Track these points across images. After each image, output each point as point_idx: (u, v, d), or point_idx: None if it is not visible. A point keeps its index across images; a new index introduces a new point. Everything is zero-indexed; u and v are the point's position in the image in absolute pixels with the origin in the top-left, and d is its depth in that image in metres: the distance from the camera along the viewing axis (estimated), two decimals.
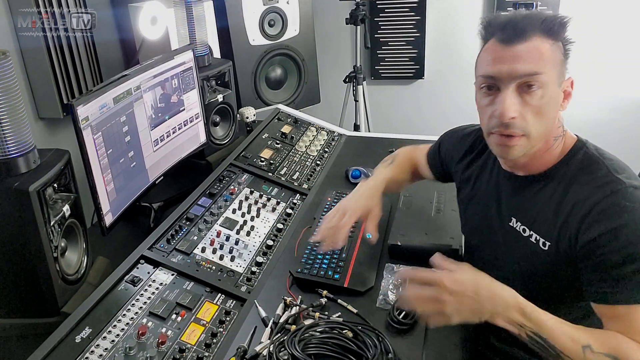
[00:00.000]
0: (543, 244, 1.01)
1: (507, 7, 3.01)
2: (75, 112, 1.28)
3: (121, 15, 2.23)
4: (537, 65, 0.93)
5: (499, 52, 0.96)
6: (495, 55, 0.97)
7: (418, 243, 1.33)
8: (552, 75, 0.95)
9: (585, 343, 0.88)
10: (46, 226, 1.20)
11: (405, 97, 3.46)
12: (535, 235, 1.03)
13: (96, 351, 1.02)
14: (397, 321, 1.10)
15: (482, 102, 1.01)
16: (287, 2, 2.71)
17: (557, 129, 1.01)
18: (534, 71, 0.93)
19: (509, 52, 0.95)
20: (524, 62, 0.94)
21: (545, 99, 0.95)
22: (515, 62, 0.94)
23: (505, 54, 0.95)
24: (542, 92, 0.94)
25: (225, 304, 1.20)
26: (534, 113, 0.95)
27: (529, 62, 0.93)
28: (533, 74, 0.93)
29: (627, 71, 3.05)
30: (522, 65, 0.94)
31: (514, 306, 0.90)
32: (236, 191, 1.61)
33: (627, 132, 3.10)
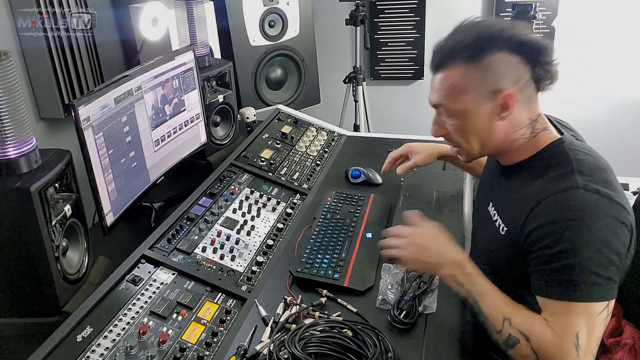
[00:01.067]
0: (502, 229, 1.08)
1: (506, 8, 3.02)
2: (77, 113, 1.29)
3: (122, 16, 2.23)
4: (445, 97, 1.05)
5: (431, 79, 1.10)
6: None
7: None
8: (467, 100, 1.02)
9: (507, 315, 0.96)
10: (47, 226, 1.21)
11: (404, 97, 3.46)
12: (499, 221, 1.09)
13: (97, 350, 1.02)
14: (398, 320, 1.11)
15: None
16: (287, 2, 2.72)
17: (513, 134, 1.05)
18: (438, 103, 1.07)
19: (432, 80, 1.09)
20: (433, 92, 1.08)
21: (464, 120, 1.05)
22: (431, 90, 1.09)
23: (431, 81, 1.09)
24: (456, 117, 1.05)
25: (225, 304, 1.21)
26: (457, 133, 1.08)
27: (437, 93, 1.06)
28: (437, 104, 1.08)
29: (627, 71, 3.05)
30: (433, 96, 1.08)
31: (458, 264, 1.04)
32: (236, 191, 1.61)
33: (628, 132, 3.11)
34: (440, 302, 1.16)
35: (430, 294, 1.19)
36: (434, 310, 1.15)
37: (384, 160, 1.97)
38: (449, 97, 1.04)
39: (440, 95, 1.06)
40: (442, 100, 1.06)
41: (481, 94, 1.02)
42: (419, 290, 1.17)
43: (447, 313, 1.14)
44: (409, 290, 1.17)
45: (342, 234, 1.43)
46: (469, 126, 1.05)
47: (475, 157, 1.12)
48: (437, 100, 1.07)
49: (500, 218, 1.09)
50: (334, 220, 1.49)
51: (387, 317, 1.13)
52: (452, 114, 1.05)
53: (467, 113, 1.04)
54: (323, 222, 1.48)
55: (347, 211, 1.54)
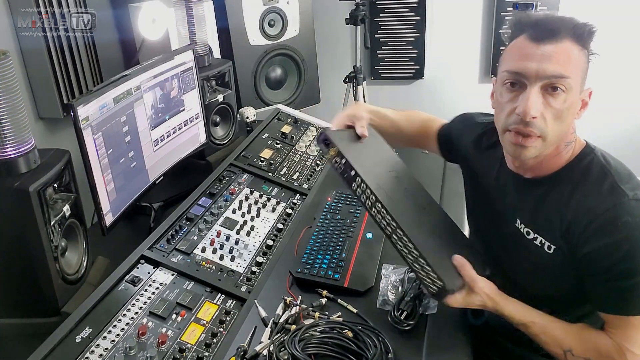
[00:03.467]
0: (548, 248, 1.02)
1: (507, 7, 3.01)
2: (76, 112, 1.28)
3: (121, 15, 2.23)
4: (566, 68, 0.92)
5: (529, 49, 0.94)
6: (524, 51, 0.95)
7: None
8: (576, 81, 0.95)
9: (567, 347, 0.98)
10: (46, 226, 1.20)
11: (405, 97, 3.46)
12: (540, 239, 1.03)
13: (96, 351, 1.02)
14: (399, 321, 1.10)
15: (504, 97, 0.99)
16: (287, 2, 2.72)
17: (570, 135, 1.01)
18: (562, 74, 0.92)
19: (538, 50, 0.93)
20: (553, 62, 0.92)
21: (567, 103, 0.94)
22: (544, 61, 0.93)
23: (535, 51, 0.93)
24: (565, 96, 0.94)
25: (225, 304, 1.20)
26: (554, 116, 0.94)
27: (558, 63, 0.92)
28: (560, 76, 0.93)
29: (627, 70, 3.05)
30: (551, 66, 0.92)
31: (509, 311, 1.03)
32: (236, 191, 1.61)
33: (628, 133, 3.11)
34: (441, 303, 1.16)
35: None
36: (435, 311, 1.14)
37: None
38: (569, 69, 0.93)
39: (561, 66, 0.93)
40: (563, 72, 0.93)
41: (583, 80, 0.97)
42: (419, 291, 1.17)
43: (448, 314, 1.14)
44: (409, 291, 1.17)
45: (342, 234, 1.42)
46: (568, 110, 0.95)
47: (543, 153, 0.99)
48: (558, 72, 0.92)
49: (540, 236, 1.03)
50: (334, 221, 1.48)
51: (388, 318, 1.12)
52: (565, 89, 0.93)
53: (574, 94, 0.95)
54: (323, 222, 1.48)
55: (347, 211, 1.53)
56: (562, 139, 0.99)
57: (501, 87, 1.00)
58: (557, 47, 0.93)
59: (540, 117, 0.94)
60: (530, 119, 0.94)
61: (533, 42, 0.94)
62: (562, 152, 1.01)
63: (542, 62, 0.93)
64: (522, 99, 0.94)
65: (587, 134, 1.07)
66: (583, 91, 0.98)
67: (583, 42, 0.95)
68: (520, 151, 0.98)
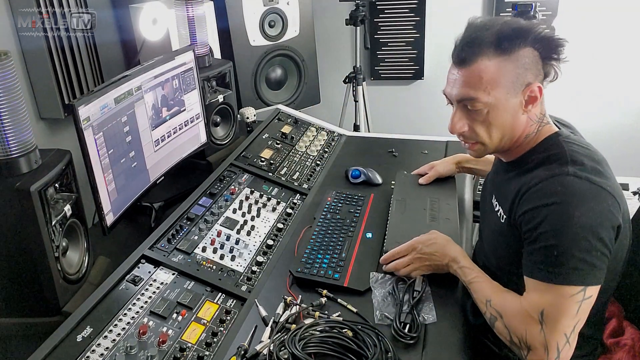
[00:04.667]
0: (502, 217, 1.13)
1: (507, 8, 3.01)
2: (77, 113, 1.29)
3: (122, 16, 2.23)
4: (474, 89, 1.04)
5: (450, 73, 1.10)
6: (449, 75, 1.10)
7: None
8: (497, 92, 1.03)
9: (488, 298, 1.07)
10: (47, 226, 1.21)
11: (404, 97, 3.46)
12: (500, 211, 1.14)
13: (97, 350, 1.02)
14: (403, 335, 1.08)
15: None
16: (288, 2, 2.72)
17: (528, 128, 1.09)
18: (469, 96, 1.05)
19: (453, 75, 1.08)
20: (461, 86, 1.06)
21: (492, 114, 1.05)
22: (454, 86, 1.07)
23: (451, 75, 1.09)
24: (485, 109, 1.05)
25: (225, 304, 1.21)
26: (483, 126, 1.07)
27: (466, 86, 1.05)
28: (467, 98, 1.05)
29: (627, 70, 3.05)
30: (460, 90, 1.06)
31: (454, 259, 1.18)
32: (236, 191, 1.61)
33: (628, 131, 3.11)
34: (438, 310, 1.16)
35: (426, 302, 1.18)
36: (435, 320, 1.13)
37: (384, 160, 1.97)
38: (480, 90, 1.04)
39: (470, 88, 1.04)
40: (471, 93, 1.04)
41: (512, 86, 1.03)
42: (413, 300, 1.17)
43: (447, 320, 1.14)
44: (404, 302, 1.16)
45: (342, 234, 1.43)
46: (495, 119, 1.06)
47: (491, 152, 1.13)
48: (464, 95, 1.06)
49: (501, 208, 1.14)
50: (334, 220, 1.49)
51: (392, 332, 1.10)
52: (481, 107, 1.05)
53: (497, 106, 1.04)
54: (323, 222, 1.48)
55: (347, 211, 1.54)
56: (513, 135, 1.08)
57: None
58: (467, 70, 1.04)
59: (469, 129, 1.09)
60: (457, 134, 1.11)
61: (454, 67, 1.08)
62: (523, 143, 1.10)
63: (454, 86, 1.08)
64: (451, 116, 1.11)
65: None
66: (521, 91, 1.04)
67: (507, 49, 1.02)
68: (472, 154, 1.16)
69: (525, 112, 1.06)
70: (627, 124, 3.12)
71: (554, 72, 1.06)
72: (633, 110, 3.11)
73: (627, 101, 3.11)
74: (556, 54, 1.04)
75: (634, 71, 3.04)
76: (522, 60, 1.02)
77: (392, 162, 1.89)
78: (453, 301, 1.20)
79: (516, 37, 1.02)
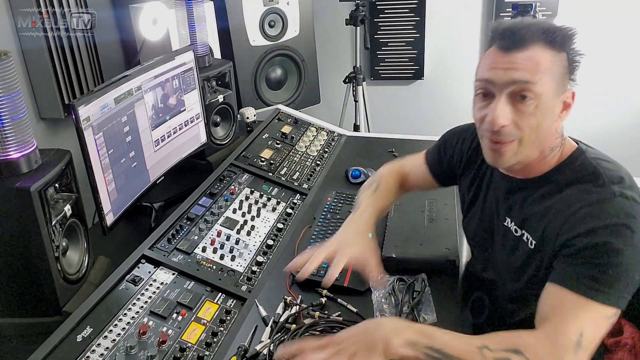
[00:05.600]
0: (531, 243, 1.02)
1: (507, 8, 3.02)
2: (77, 113, 1.29)
3: (122, 16, 2.23)
4: (532, 74, 0.93)
5: (496, 59, 0.97)
6: (492, 61, 0.98)
7: (414, 255, 1.31)
8: (548, 86, 0.94)
9: (480, 344, 0.87)
10: (47, 226, 1.21)
11: (404, 97, 3.46)
12: (526, 234, 1.04)
13: (97, 350, 1.02)
14: None
15: (477, 106, 1.02)
16: (287, 2, 2.72)
17: (554, 140, 1.00)
18: (527, 79, 0.93)
19: (505, 59, 0.95)
20: (518, 70, 0.94)
21: (540, 109, 0.95)
22: (509, 69, 0.95)
23: (501, 60, 0.96)
24: (535, 102, 0.94)
25: (225, 304, 1.21)
26: (527, 122, 0.95)
27: (524, 70, 0.93)
28: (526, 82, 0.93)
29: (627, 71, 3.05)
30: (516, 73, 0.94)
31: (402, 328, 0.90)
32: (236, 191, 1.61)
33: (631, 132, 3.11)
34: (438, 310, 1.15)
35: (426, 302, 1.18)
36: (436, 320, 1.14)
37: (384, 160, 1.96)
38: (537, 76, 0.93)
39: (527, 73, 0.93)
40: (528, 77, 0.93)
41: (559, 84, 0.95)
42: (413, 300, 1.17)
43: (447, 320, 1.14)
44: (404, 302, 1.16)
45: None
46: (540, 116, 0.95)
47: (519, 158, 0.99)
48: (521, 77, 0.93)
49: (527, 232, 1.04)
50: (334, 220, 1.49)
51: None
52: (533, 96, 0.93)
53: (545, 103, 0.94)
54: (323, 222, 1.48)
55: (347, 211, 1.53)
56: (544, 143, 0.99)
57: (475, 97, 1.02)
58: (523, 54, 0.94)
59: (511, 124, 0.96)
60: (498, 127, 0.95)
61: (501, 52, 0.96)
62: (548, 156, 1.01)
63: (508, 70, 0.95)
64: (491, 108, 0.97)
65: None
66: (563, 94, 0.97)
67: (557, 46, 0.95)
68: (497, 157, 1.00)
69: (559, 119, 0.98)
70: (628, 124, 3.12)
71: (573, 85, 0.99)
72: (633, 110, 3.11)
73: (628, 101, 3.11)
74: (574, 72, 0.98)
75: (635, 71, 3.04)
76: (565, 62, 0.96)
77: None
78: (453, 301, 1.20)
79: (567, 36, 0.95)
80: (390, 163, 1.41)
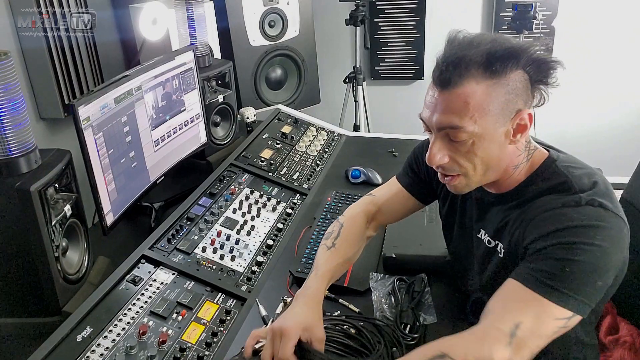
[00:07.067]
0: (500, 251, 1.01)
1: (507, 8, 3.01)
2: (77, 113, 1.29)
3: (122, 16, 2.23)
4: (459, 117, 0.89)
5: (429, 96, 0.94)
6: (427, 97, 0.94)
7: (414, 255, 1.31)
8: (484, 121, 0.89)
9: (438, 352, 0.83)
10: (47, 226, 1.21)
11: (404, 97, 3.46)
12: (499, 245, 1.02)
13: (97, 350, 1.02)
14: (404, 336, 1.08)
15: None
16: (287, 2, 2.72)
17: (514, 159, 0.97)
18: (453, 125, 0.90)
19: (435, 99, 0.91)
20: (443, 112, 0.90)
21: (478, 144, 0.91)
22: (436, 111, 0.91)
23: (432, 99, 0.92)
24: (471, 139, 0.90)
25: (225, 304, 1.21)
26: (466, 157, 0.93)
27: (450, 113, 0.89)
28: (451, 127, 0.90)
29: (627, 71, 3.05)
30: (441, 117, 0.91)
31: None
32: (236, 191, 1.61)
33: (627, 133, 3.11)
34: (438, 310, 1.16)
35: (426, 302, 1.18)
36: (435, 320, 1.13)
37: (384, 160, 1.97)
38: (466, 118, 0.88)
39: (455, 116, 0.89)
40: (455, 122, 0.89)
41: (501, 114, 0.90)
42: (413, 300, 1.17)
43: (447, 320, 1.14)
44: (404, 302, 1.16)
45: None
46: (480, 151, 0.91)
47: (474, 186, 0.99)
48: (447, 123, 0.90)
49: (499, 242, 1.02)
50: (334, 220, 1.48)
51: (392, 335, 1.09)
52: (466, 137, 0.90)
53: (484, 136, 0.90)
54: (323, 222, 1.48)
55: None
56: (499, 168, 0.96)
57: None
58: (451, 95, 0.89)
59: (451, 160, 0.94)
60: (434, 166, 0.95)
61: (434, 89, 0.92)
62: (514, 173, 0.98)
63: (435, 112, 0.91)
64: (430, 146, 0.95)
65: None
66: (511, 119, 0.91)
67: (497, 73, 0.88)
68: (451, 188, 0.99)
69: (512, 142, 0.93)
70: (628, 124, 3.12)
71: (539, 96, 0.93)
72: (633, 111, 3.11)
73: (628, 101, 3.11)
74: (546, 78, 0.91)
75: (635, 71, 3.04)
76: (513, 84, 0.89)
77: (392, 162, 1.89)
78: (453, 301, 1.20)
79: (508, 58, 0.88)
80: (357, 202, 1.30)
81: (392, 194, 1.26)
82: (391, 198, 1.26)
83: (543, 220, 0.90)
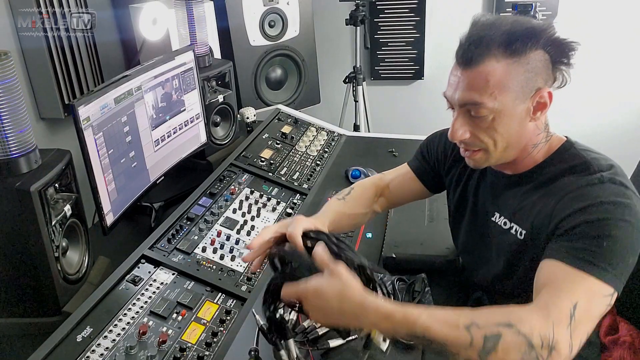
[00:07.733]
0: (520, 234, 1.03)
1: (507, 8, 3.02)
2: (77, 113, 1.29)
3: (122, 16, 2.23)
4: (480, 94, 0.94)
5: (453, 74, 0.99)
6: (450, 77, 1.00)
7: (414, 255, 1.31)
8: (504, 97, 0.93)
9: (468, 322, 0.80)
10: (47, 226, 1.21)
11: (404, 97, 3.46)
12: (515, 227, 1.04)
13: (97, 350, 1.02)
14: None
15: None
16: (287, 2, 2.72)
17: (534, 137, 1.00)
18: (474, 101, 0.94)
19: (457, 77, 0.97)
20: (464, 90, 0.95)
21: (499, 121, 0.95)
22: (458, 89, 0.97)
23: (455, 78, 0.98)
24: (491, 115, 0.95)
25: (225, 304, 1.21)
26: (487, 133, 0.97)
27: (471, 90, 0.94)
28: (472, 103, 0.95)
29: (626, 71, 3.05)
30: (462, 94, 0.96)
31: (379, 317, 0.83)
32: (236, 191, 1.61)
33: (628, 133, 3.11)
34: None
35: (426, 302, 1.17)
36: None
37: (384, 160, 1.97)
38: (486, 94, 0.93)
39: (475, 92, 0.94)
40: (476, 98, 0.94)
41: (521, 91, 0.94)
42: (413, 300, 1.17)
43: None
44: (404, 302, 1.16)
45: (342, 233, 1.42)
46: (501, 127, 0.96)
47: (493, 162, 1.02)
48: (468, 99, 0.95)
49: (516, 224, 1.04)
50: None
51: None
52: (486, 113, 0.95)
53: (504, 112, 0.95)
54: None
55: None
56: (519, 145, 1.00)
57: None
58: (472, 72, 0.94)
59: (472, 136, 0.99)
60: (456, 141, 1.00)
61: (457, 67, 0.97)
62: (532, 152, 1.02)
63: (457, 89, 0.97)
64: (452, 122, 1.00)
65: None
66: (531, 97, 0.95)
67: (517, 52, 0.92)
68: (471, 162, 1.04)
69: (532, 120, 0.97)
70: (628, 123, 3.12)
71: (562, 77, 0.97)
72: (633, 111, 3.11)
73: (628, 101, 3.11)
74: (567, 59, 0.95)
75: (635, 71, 3.04)
76: (533, 63, 0.93)
77: (392, 162, 1.88)
78: (453, 301, 1.20)
79: (528, 37, 0.92)
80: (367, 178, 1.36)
81: (400, 175, 1.33)
82: (399, 177, 1.33)
83: (571, 199, 0.92)
